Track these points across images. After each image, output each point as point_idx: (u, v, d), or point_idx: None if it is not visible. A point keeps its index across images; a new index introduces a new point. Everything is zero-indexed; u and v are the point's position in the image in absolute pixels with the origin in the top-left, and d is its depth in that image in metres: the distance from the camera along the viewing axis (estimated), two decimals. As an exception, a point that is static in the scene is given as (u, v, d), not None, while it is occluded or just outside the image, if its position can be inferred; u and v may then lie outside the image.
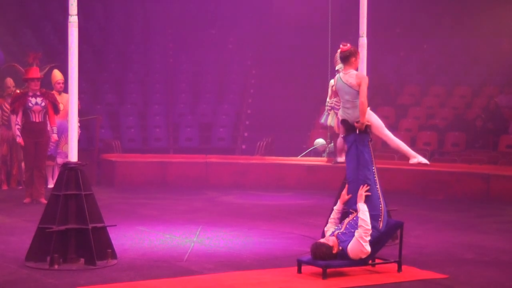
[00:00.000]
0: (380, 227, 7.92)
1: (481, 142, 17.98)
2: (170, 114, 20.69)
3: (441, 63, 21.74)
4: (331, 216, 8.30)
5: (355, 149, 8.21)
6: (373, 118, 8.49)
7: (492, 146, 17.99)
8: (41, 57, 13.62)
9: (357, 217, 7.92)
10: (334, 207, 8.35)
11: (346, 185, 8.28)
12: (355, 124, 8.20)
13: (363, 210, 7.85)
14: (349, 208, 8.16)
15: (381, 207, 7.94)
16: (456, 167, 15.69)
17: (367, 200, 7.95)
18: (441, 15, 22.59)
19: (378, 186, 8.02)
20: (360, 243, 7.77)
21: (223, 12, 23.80)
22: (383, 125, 8.65)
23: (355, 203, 8.03)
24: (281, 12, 23.09)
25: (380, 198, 7.97)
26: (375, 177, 8.04)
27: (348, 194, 8.18)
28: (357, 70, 8.57)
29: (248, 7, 23.78)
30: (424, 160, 8.80)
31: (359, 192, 7.96)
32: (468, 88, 20.43)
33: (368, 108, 8.31)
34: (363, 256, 7.84)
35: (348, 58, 8.46)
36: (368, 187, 7.97)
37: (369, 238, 7.80)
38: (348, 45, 8.56)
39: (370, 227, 7.79)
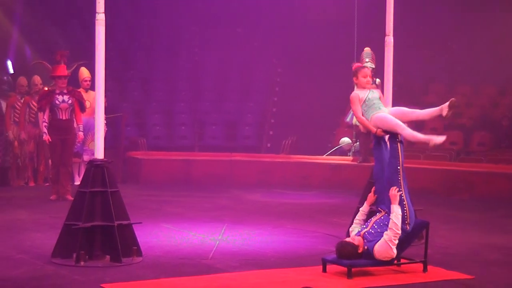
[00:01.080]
0: (407, 229, 7.88)
1: (508, 141, 17.87)
2: (195, 112, 20.72)
3: (468, 62, 21.60)
4: (357, 217, 8.27)
5: (382, 149, 8.18)
6: (388, 120, 8.26)
7: (518, 146, 17.88)
8: (68, 55, 13.69)
9: (385, 216, 7.88)
10: (360, 208, 8.31)
11: (373, 187, 8.25)
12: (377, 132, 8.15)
13: (396, 213, 7.80)
14: (377, 207, 8.12)
15: (406, 208, 7.88)
16: (482, 167, 15.61)
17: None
18: (468, 14, 22.43)
19: (403, 188, 7.94)
20: (388, 245, 7.74)
21: (249, 11, 23.77)
22: (404, 111, 8.35)
23: (382, 202, 7.99)
24: (307, 10, 23.03)
25: (404, 201, 7.91)
26: (400, 178, 7.96)
27: (374, 194, 8.15)
28: (362, 87, 8.46)
29: (274, 5, 23.73)
30: (443, 106, 8.25)
31: (392, 193, 7.88)
32: (494, 88, 20.29)
33: (383, 111, 8.22)
34: (389, 258, 7.81)
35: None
36: (398, 188, 7.92)
37: (397, 241, 7.77)
38: (354, 64, 8.60)
39: (400, 232, 7.76)
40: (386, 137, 8.17)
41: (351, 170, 16.01)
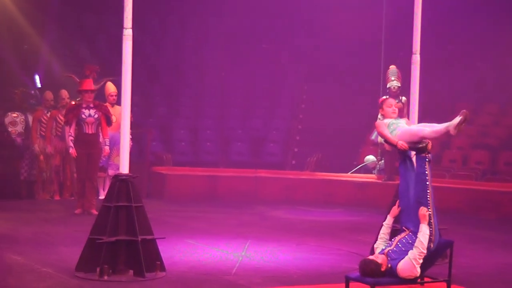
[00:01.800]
0: (431, 248, 7.83)
1: (535, 161, 17.75)
2: (221, 128, 20.77)
3: (495, 81, 21.49)
4: (381, 232, 8.23)
5: (407, 166, 8.15)
6: (409, 130, 8.24)
7: (545, 166, 17.74)
8: (98, 70, 13.78)
9: (409, 235, 7.83)
10: (384, 222, 8.28)
11: (398, 200, 8.22)
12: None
13: (424, 233, 7.75)
14: (402, 226, 8.08)
15: (432, 228, 7.84)
16: (508, 187, 15.50)
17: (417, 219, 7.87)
18: (496, 32, 22.34)
19: (431, 207, 7.89)
20: (412, 264, 7.69)
21: (276, 27, 23.85)
22: (421, 130, 8.32)
23: (407, 220, 7.95)
24: (334, 27, 23.05)
25: (431, 219, 7.86)
26: (429, 196, 7.92)
27: (398, 207, 8.11)
28: (389, 117, 8.44)
29: (302, 21, 23.81)
30: (455, 121, 8.23)
31: (421, 212, 7.83)
32: (522, 107, 20.16)
33: (405, 124, 8.24)
34: (412, 277, 7.76)
35: None
36: (428, 208, 7.87)
37: (421, 261, 7.73)
38: (380, 99, 8.63)
39: (426, 251, 7.72)
40: (412, 154, 8.15)
41: (375, 188, 15.96)
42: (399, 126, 8.24)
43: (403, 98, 15.09)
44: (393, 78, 15.42)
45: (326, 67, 22.84)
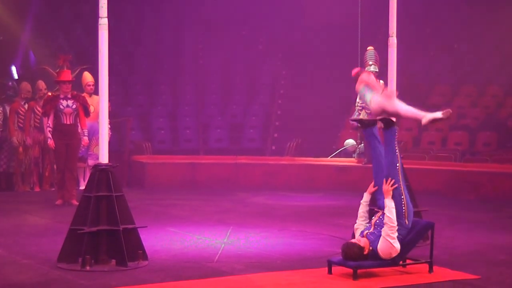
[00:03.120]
0: (407, 223, 7.87)
1: (513, 141, 17.86)
2: (200, 115, 20.74)
3: (472, 63, 21.59)
4: (360, 210, 8.25)
5: (376, 144, 8.21)
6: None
7: (524, 146, 17.86)
8: (71, 59, 13.73)
9: (383, 215, 7.88)
10: (361, 200, 8.29)
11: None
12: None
13: (389, 207, 7.80)
14: (374, 207, 8.12)
15: (404, 203, 7.88)
16: (487, 167, 15.60)
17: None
18: (472, 14, 22.43)
19: (401, 182, 7.94)
20: (387, 241, 7.74)
21: (253, 13, 23.82)
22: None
23: (380, 198, 7.98)
24: (310, 12, 23.06)
25: (402, 195, 7.90)
26: (398, 172, 7.96)
27: (374, 186, 8.15)
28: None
29: (278, 8, 23.78)
30: (434, 115, 7.94)
31: (384, 187, 7.90)
32: (499, 88, 20.25)
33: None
34: (394, 254, 7.79)
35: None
36: (393, 181, 7.91)
37: (396, 234, 7.76)
38: (353, 71, 8.63)
39: (395, 224, 7.75)
40: (376, 130, 8.21)
41: (356, 171, 16.00)
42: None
43: (381, 82, 15.07)
44: (371, 63, 15.37)
45: (304, 52, 22.84)
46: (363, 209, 8.23)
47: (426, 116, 7.93)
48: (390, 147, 8.06)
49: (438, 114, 7.91)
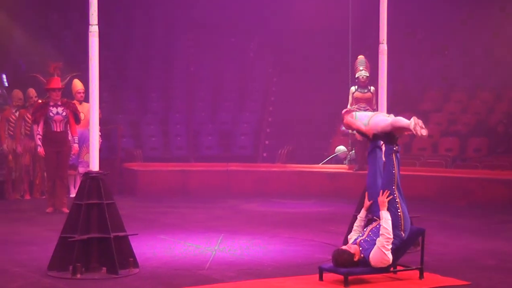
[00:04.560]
0: (403, 236, 7.88)
1: (503, 147, 17.88)
2: (191, 123, 20.73)
3: (463, 68, 21.63)
4: (355, 224, 8.27)
5: (377, 156, 8.21)
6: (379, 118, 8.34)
7: (514, 152, 17.90)
8: (61, 66, 13.71)
9: (379, 224, 7.89)
10: (358, 215, 8.31)
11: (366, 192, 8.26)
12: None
13: (385, 219, 7.81)
14: (373, 215, 8.12)
15: (400, 215, 7.88)
16: (478, 173, 15.62)
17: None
18: (462, 19, 22.49)
19: (397, 195, 7.94)
20: (381, 251, 7.74)
21: (244, 20, 23.83)
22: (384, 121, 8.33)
23: (377, 210, 7.99)
24: (301, 19, 23.08)
25: (399, 209, 7.90)
26: (394, 186, 7.96)
27: (369, 200, 8.15)
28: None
29: (269, 14, 23.80)
30: (418, 130, 7.91)
31: (380, 199, 7.92)
32: (490, 93, 20.29)
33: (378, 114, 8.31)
34: (384, 265, 7.81)
35: None
36: (389, 193, 7.92)
37: (390, 246, 7.77)
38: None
39: (392, 236, 7.76)
40: (380, 143, 8.21)
41: (347, 178, 16.01)
42: (363, 114, 8.33)
43: (372, 88, 15.16)
44: (361, 68, 15.48)
45: (295, 59, 22.87)
46: (358, 223, 8.24)
47: (412, 123, 7.94)
48: (389, 160, 8.06)
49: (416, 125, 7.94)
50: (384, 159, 8.15)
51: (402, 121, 8.08)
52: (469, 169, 16.34)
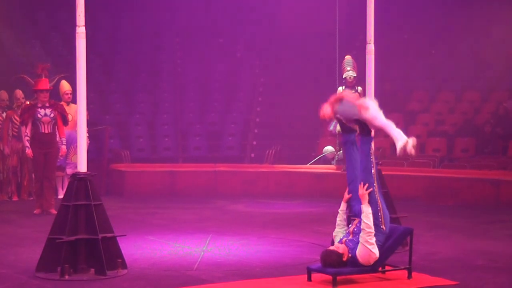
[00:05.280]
0: (384, 229, 7.88)
1: (491, 147, 17.96)
2: (178, 123, 20.71)
3: (450, 69, 21.70)
4: (338, 219, 8.26)
5: (354, 150, 8.24)
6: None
7: (501, 152, 17.97)
8: (49, 68, 13.68)
9: (360, 222, 7.89)
10: (339, 209, 8.31)
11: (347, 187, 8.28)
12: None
13: (366, 212, 7.81)
14: (351, 215, 8.13)
15: (379, 208, 7.89)
16: (465, 173, 15.67)
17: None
18: (449, 20, 22.56)
19: (376, 189, 7.95)
20: (365, 247, 7.76)
21: (230, 21, 23.84)
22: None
23: (357, 202, 7.99)
24: (288, 20, 23.11)
25: (378, 201, 7.92)
26: (374, 178, 7.99)
27: (348, 193, 8.16)
28: None
29: (256, 15, 23.81)
30: (408, 148, 7.98)
31: (360, 192, 7.91)
32: (477, 94, 20.37)
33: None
34: (373, 260, 7.81)
35: None
36: (367, 185, 7.92)
37: (374, 240, 7.77)
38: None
39: (373, 230, 7.77)
40: (354, 136, 8.25)
41: (335, 178, 16.01)
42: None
43: (359, 88, 15.16)
44: (348, 69, 15.48)
45: (282, 59, 22.87)
46: (340, 217, 8.24)
47: (399, 143, 7.94)
48: (365, 152, 8.09)
49: (410, 144, 7.94)
50: (361, 149, 8.17)
51: (393, 130, 8.11)
52: (457, 169, 16.39)
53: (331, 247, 8.00)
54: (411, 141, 7.97)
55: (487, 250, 9.95)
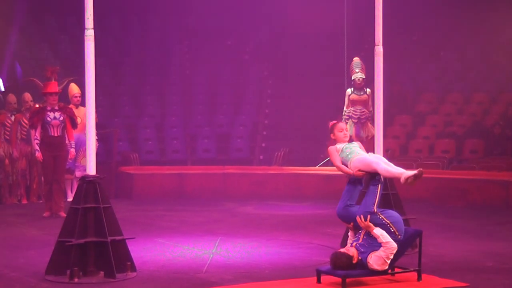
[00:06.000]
0: (399, 237, 7.90)
1: (500, 149, 17.91)
2: (187, 126, 20.72)
3: (458, 70, 21.66)
4: (349, 233, 8.35)
5: (355, 189, 8.31)
6: (366, 159, 8.29)
7: (510, 153, 17.91)
8: (59, 71, 13.70)
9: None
10: (349, 233, 8.37)
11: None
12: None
13: (381, 235, 7.83)
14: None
15: (389, 224, 7.90)
16: (474, 175, 15.63)
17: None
18: (458, 22, 22.52)
19: (376, 211, 7.98)
20: (384, 260, 7.79)
21: (238, 23, 23.84)
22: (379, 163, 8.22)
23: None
24: (296, 21, 23.09)
25: (383, 219, 7.92)
26: (374, 206, 8.00)
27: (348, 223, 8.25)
28: (341, 141, 8.53)
29: (264, 17, 23.81)
30: (409, 173, 8.00)
31: (363, 225, 7.94)
32: (485, 95, 20.33)
33: (362, 154, 8.31)
34: (381, 270, 7.83)
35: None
36: (363, 217, 7.94)
37: (392, 256, 7.82)
38: (330, 123, 8.64)
39: (396, 246, 7.79)
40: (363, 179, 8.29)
41: (343, 180, 15.91)
42: (353, 151, 8.32)
43: (368, 90, 15.15)
44: (357, 70, 15.46)
45: (290, 61, 22.87)
46: (351, 234, 8.28)
47: (405, 174, 7.94)
48: (373, 189, 8.10)
49: (412, 172, 7.95)
50: (370, 185, 8.19)
51: (393, 171, 8.09)
52: (466, 170, 16.35)
53: (341, 250, 8.00)
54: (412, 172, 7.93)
55: (496, 251, 9.93)
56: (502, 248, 10.21)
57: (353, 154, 8.28)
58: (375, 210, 7.96)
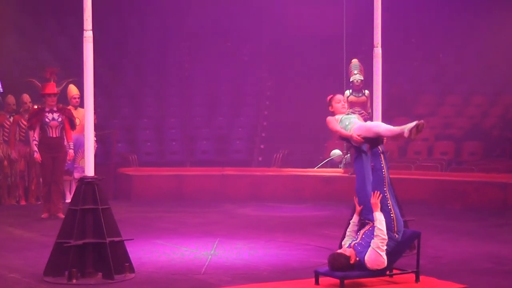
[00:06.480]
0: (396, 237, 7.89)
1: (498, 151, 17.93)
2: (186, 127, 20.72)
3: (457, 72, 21.67)
4: (348, 229, 8.27)
5: (363, 161, 8.22)
6: (365, 125, 8.31)
7: (509, 155, 17.91)
8: (58, 72, 13.70)
9: (373, 227, 7.89)
10: (351, 220, 8.32)
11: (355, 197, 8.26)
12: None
13: (379, 220, 7.82)
14: (365, 219, 8.13)
15: (393, 217, 7.89)
16: (473, 176, 15.63)
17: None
18: (456, 24, 22.54)
19: (389, 196, 7.95)
20: (376, 252, 7.75)
21: (238, 25, 23.84)
22: (380, 127, 8.26)
23: (368, 213, 8.00)
24: (295, 23, 23.10)
25: (391, 211, 7.91)
26: (385, 188, 7.97)
27: (359, 205, 8.14)
28: (340, 112, 8.55)
29: (263, 19, 23.81)
30: (411, 124, 7.97)
31: (372, 201, 7.92)
32: (484, 97, 20.33)
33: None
34: (381, 267, 7.81)
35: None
36: (380, 194, 7.91)
37: (385, 247, 7.78)
38: (328, 97, 8.58)
39: (386, 237, 7.77)
40: (366, 147, 8.21)
41: (342, 182, 16.01)
42: (352, 121, 8.31)
43: (366, 92, 15.17)
44: (355, 72, 15.49)
45: (289, 63, 22.88)
46: (351, 228, 8.24)
47: (406, 127, 7.93)
48: (378, 161, 8.07)
49: (413, 123, 7.94)
50: (371, 162, 8.17)
51: (395, 129, 8.10)
52: (464, 172, 16.35)
53: (339, 251, 8.00)
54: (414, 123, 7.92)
55: (495, 253, 9.93)
56: (500, 249, 10.22)
57: (352, 124, 8.29)
58: (387, 194, 7.92)
